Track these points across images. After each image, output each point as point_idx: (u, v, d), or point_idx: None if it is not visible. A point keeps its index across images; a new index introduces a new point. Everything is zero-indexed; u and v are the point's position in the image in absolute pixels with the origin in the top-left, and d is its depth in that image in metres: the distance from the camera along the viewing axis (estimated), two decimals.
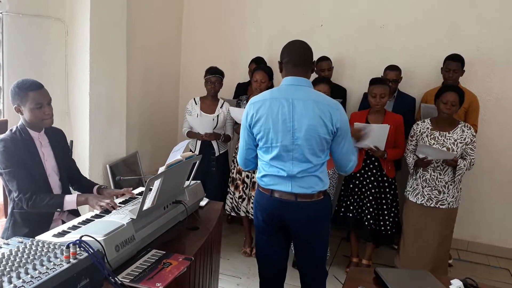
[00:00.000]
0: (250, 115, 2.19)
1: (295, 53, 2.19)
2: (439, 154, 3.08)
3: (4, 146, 2.08)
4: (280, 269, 2.46)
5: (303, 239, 2.28)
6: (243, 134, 2.28)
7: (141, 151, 4.13)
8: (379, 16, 4.26)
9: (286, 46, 2.24)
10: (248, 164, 2.35)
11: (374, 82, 3.29)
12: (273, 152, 2.16)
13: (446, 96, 3.05)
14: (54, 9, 3.15)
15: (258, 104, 2.18)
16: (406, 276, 1.99)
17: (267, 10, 4.62)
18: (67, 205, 2.11)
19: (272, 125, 2.13)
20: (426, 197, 3.20)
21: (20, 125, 2.20)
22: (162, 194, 1.94)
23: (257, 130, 2.18)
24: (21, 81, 2.13)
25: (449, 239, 3.34)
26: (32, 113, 2.12)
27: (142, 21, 4.13)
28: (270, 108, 2.14)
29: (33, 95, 2.11)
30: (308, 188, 2.17)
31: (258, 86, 3.58)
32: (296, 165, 2.14)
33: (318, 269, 2.37)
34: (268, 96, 2.19)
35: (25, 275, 1.22)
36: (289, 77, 2.20)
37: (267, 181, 2.23)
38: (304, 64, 2.19)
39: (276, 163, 2.17)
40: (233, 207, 3.78)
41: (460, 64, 3.65)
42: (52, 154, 2.29)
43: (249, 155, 2.30)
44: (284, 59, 2.22)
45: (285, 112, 2.11)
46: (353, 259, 3.65)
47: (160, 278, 1.57)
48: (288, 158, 2.14)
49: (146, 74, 4.34)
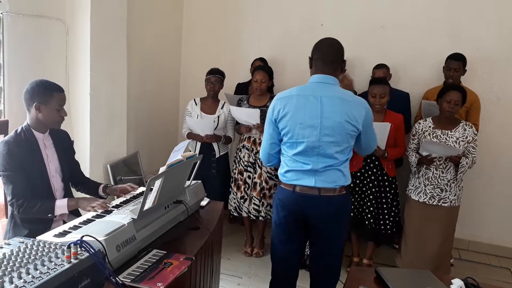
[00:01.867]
0: (277, 110, 2.20)
1: (326, 49, 2.22)
2: (445, 150, 3.08)
3: (7, 149, 2.09)
4: (294, 268, 2.47)
5: (322, 235, 2.29)
6: (268, 128, 2.28)
7: (142, 151, 4.13)
8: (380, 16, 4.26)
9: (318, 43, 2.28)
10: (271, 159, 2.34)
11: (374, 82, 3.30)
12: (298, 147, 2.18)
13: (450, 95, 3.05)
14: (54, 9, 3.15)
15: (285, 99, 2.20)
16: (407, 275, 1.99)
17: (267, 9, 4.62)
18: (58, 210, 2.12)
19: (299, 121, 2.15)
20: (429, 195, 3.20)
21: (25, 126, 2.21)
22: (163, 194, 1.94)
23: (283, 124, 2.19)
24: (45, 81, 2.17)
25: (451, 238, 3.34)
26: (52, 113, 2.16)
27: (142, 21, 4.13)
28: (297, 104, 2.16)
29: (58, 97, 2.17)
30: (331, 183, 2.19)
31: (259, 86, 3.58)
32: (321, 161, 2.16)
33: (333, 269, 2.36)
34: (296, 92, 2.21)
35: (26, 275, 1.22)
36: (317, 75, 2.23)
37: (290, 176, 2.24)
38: (333, 62, 2.21)
39: (300, 158, 2.19)
40: (235, 207, 3.78)
41: (462, 63, 3.65)
42: (56, 155, 2.30)
43: (273, 150, 2.30)
44: (314, 55, 2.25)
45: (313, 108, 2.13)
46: (354, 258, 3.65)
47: (161, 278, 1.57)
48: (313, 153, 2.16)
49: (146, 74, 4.34)
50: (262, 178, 3.65)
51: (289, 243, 2.36)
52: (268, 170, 3.66)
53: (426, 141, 3.13)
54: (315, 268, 2.40)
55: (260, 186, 3.65)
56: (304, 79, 2.32)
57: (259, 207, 3.67)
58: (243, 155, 3.72)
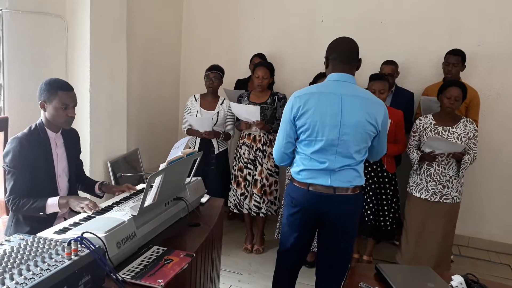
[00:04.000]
0: (296, 108, 2.19)
1: (343, 48, 2.23)
2: (449, 146, 3.09)
3: (20, 147, 2.09)
4: (300, 262, 2.51)
5: (335, 232, 2.29)
6: (285, 127, 2.27)
7: (142, 148, 4.13)
8: (380, 12, 4.24)
9: (334, 42, 2.28)
10: (285, 158, 2.34)
11: (374, 78, 3.29)
12: (316, 145, 2.18)
13: (450, 91, 3.06)
14: (54, 6, 3.14)
15: (305, 97, 2.19)
16: (407, 272, 1.99)
17: (267, 6, 4.60)
18: (49, 208, 2.10)
19: (320, 119, 2.14)
20: (431, 192, 3.20)
21: (39, 124, 2.21)
22: (163, 191, 1.94)
23: (303, 122, 2.18)
24: (53, 79, 2.16)
25: (451, 235, 3.35)
26: (56, 112, 2.14)
27: (142, 18, 4.12)
28: (319, 101, 2.15)
29: (62, 95, 2.13)
30: (347, 182, 2.20)
31: (260, 83, 3.57)
32: (338, 160, 2.16)
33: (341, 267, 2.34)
34: (316, 89, 2.22)
35: (27, 271, 1.22)
36: (335, 74, 2.23)
37: (304, 175, 2.23)
38: (350, 61, 2.23)
39: (317, 156, 2.19)
40: (235, 204, 3.79)
41: (460, 58, 3.65)
42: (65, 155, 2.30)
43: (288, 149, 2.30)
44: (331, 55, 2.25)
45: (334, 106, 2.13)
46: (354, 255, 3.65)
47: (161, 274, 1.58)
48: (331, 152, 2.16)
49: (146, 71, 4.33)
50: (262, 175, 3.65)
51: (298, 239, 2.37)
52: (269, 167, 3.66)
53: (430, 138, 3.13)
54: (323, 265, 2.42)
55: (261, 183, 3.65)
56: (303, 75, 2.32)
57: (260, 204, 3.67)
58: (243, 152, 3.72)
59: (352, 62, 2.24)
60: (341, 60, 2.22)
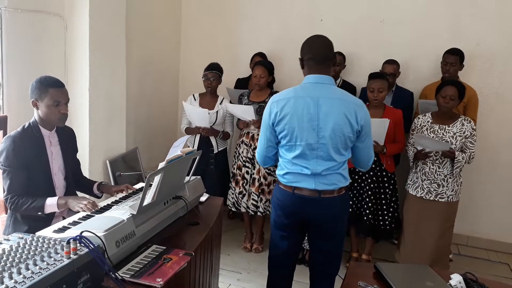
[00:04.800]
0: (274, 113, 2.16)
1: (317, 49, 2.18)
2: (434, 144, 3.09)
3: (13, 145, 2.08)
4: (292, 264, 2.47)
5: (324, 234, 2.28)
6: (265, 132, 2.25)
7: (141, 147, 4.12)
8: (379, 11, 4.24)
9: (307, 43, 2.22)
10: (268, 161, 2.33)
11: (373, 77, 3.29)
12: (296, 150, 2.15)
13: (445, 90, 3.07)
14: (53, 5, 3.14)
15: (282, 102, 2.16)
16: (406, 270, 1.99)
17: (267, 5, 4.60)
18: (48, 208, 2.09)
19: (297, 124, 2.12)
20: (426, 190, 3.21)
21: (33, 122, 2.20)
22: (162, 190, 1.94)
23: (281, 128, 2.16)
24: (44, 77, 2.15)
25: (449, 233, 3.35)
26: (48, 109, 2.13)
27: (141, 17, 4.11)
28: (295, 107, 2.12)
29: (53, 92, 2.12)
30: (331, 185, 2.17)
31: (258, 82, 3.58)
32: (320, 164, 2.14)
33: (333, 266, 2.36)
34: (292, 94, 2.17)
35: (26, 270, 1.22)
36: (312, 75, 2.19)
37: (289, 178, 2.22)
38: (326, 60, 2.18)
39: (299, 161, 2.16)
40: (234, 202, 3.79)
41: (458, 57, 3.65)
42: (61, 153, 2.30)
43: (270, 153, 2.28)
44: (305, 56, 2.20)
45: (310, 110, 2.10)
46: (353, 254, 3.66)
47: (160, 273, 1.58)
48: (312, 156, 2.14)
49: (145, 70, 4.32)
50: (260, 174, 3.65)
51: (287, 241, 2.35)
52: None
53: (417, 135, 3.15)
54: (315, 263, 2.41)
55: (259, 181, 3.65)
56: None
57: (258, 203, 3.67)
58: (242, 150, 3.72)
59: (327, 62, 2.17)
60: (316, 61, 2.16)
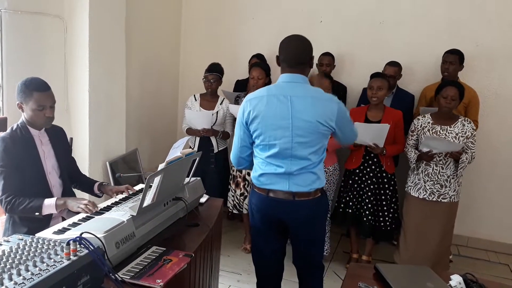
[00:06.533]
0: (247, 112, 2.14)
1: (290, 52, 2.16)
2: (447, 145, 3.08)
3: (4, 145, 2.08)
4: (278, 268, 2.45)
5: (301, 237, 2.28)
6: (238, 131, 2.23)
7: (141, 148, 4.12)
8: (379, 12, 4.25)
9: (283, 43, 2.21)
10: (242, 162, 2.29)
11: (373, 76, 3.32)
12: (271, 149, 2.13)
13: (446, 91, 3.07)
14: (52, 6, 3.14)
15: (255, 100, 2.14)
16: (406, 272, 1.99)
17: (266, 6, 4.60)
18: (46, 209, 2.07)
19: (271, 123, 2.10)
20: (428, 191, 3.21)
21: (21, 123, 2.19)
22: (162, 191, 1.94)
23: (255, 127, 2.14)
24: (29, 79, 2.12)
25: (450, 234, 3.35)
26: (33, 113, 2.12)
27: (141, 18, 4.12)
28: (268, 105, 2.10)
29: (38, 96, 2.09)
30: (306, 186, 2.15)
31: (255, 83, 3.57)
32: (294, 163, 2.12)
33: (316, 266, 2.37)
34: (265, 93, 2.15)
35: (26, 272, 1.22)
36: (285, 74, 2.17)
37: (263, 180, 2.20)
38: (298, 64, 2.15)
39: (273, 160, 2.14)
40: (235, 204, 3.78)
41: (458, 57, 3.66)
42: (53, 152, 2.28)
43: (244, 153, 2.25)
44: (280, 56, 2.19)
45: (283, 109, 2.08)
46: (353, 255, 3.66)
47: (160, 274, 1.58)
48: (286, 155, 2.12)
49: (145, 71, 4.33)
50: None
51: (268, 244, 2.34)
52: None
53: (428, 137, 3.13)
54: (298, 265, 2.40)
55: None
56: None
57: None
58: None
59: (300, 66, 2.14)
60: (288, 64, 2.15)
